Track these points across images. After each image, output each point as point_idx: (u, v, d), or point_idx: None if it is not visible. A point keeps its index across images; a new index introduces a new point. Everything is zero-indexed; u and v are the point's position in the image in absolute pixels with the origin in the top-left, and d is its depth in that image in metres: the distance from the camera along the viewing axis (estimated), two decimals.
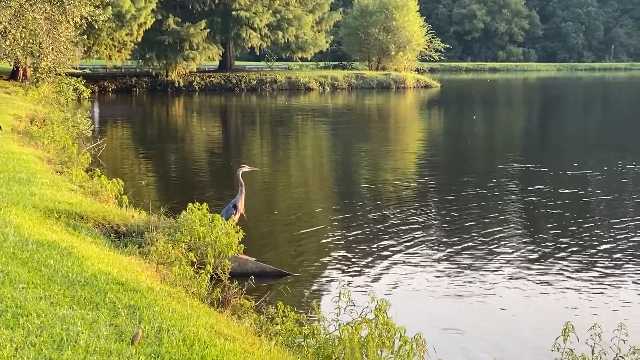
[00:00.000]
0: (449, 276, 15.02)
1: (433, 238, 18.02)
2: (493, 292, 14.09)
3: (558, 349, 8.66)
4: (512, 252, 16.73)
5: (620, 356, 8.56)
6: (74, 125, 31.37)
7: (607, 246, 17.24)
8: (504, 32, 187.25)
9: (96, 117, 51.20)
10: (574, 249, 16.99)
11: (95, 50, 68.53)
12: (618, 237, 18.08)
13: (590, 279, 14.86)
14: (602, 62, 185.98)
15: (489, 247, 17.12)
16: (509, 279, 14.85)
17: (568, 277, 14.97)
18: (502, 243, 17.48)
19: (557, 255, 16.46)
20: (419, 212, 20.92)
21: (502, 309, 13.22)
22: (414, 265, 15.74)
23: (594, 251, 16.84)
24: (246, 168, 16.33)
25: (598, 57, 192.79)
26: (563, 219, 20.16)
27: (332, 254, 16.55)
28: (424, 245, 17.24)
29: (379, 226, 19.10)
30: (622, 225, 19.27)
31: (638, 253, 16.76)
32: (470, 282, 14.66)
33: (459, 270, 15.44)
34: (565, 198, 23.31)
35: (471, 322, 12.60)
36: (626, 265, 15.85)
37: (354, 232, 18.53)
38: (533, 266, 15.66)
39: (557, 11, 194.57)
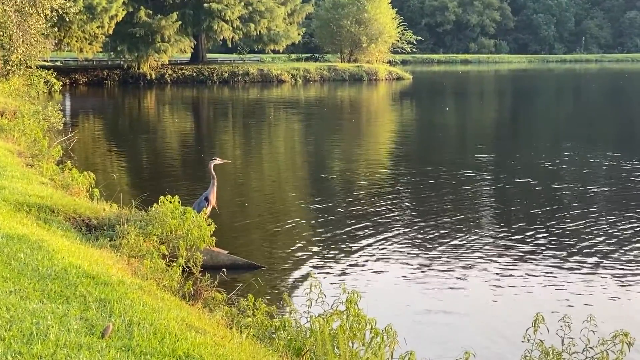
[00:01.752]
0: (421, 268, 15.08)
1: (405, 230, 18.07)
2: (464, 283, 14.17)
3: (528, 340, 8.70)
4: (484, 244, 16.80)
5: (590, 347, 8.60)
6: (45, 118, 31.19)
7: (578, 237, 17.36)
8: (475, 24, 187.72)
9: (67, 110, 50.92)
10: (545, 240, 17.09)
11: (66, 43, 68.16)
12: (588, 228, 18.20)
13: (560, 270, 14.95)
14: (573, 54, 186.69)
15: (461, 239, 17.19)
16: (480, 270, 14.92)
17: (538, 268, 15.07)
18: (474, 235, 17.56)
19: (529, 247, 16.56)
20: (390, 204, 20.97)
21: (473, 301, 13.29)
22: (385, 257, 15.79)
23: (564, 242, 16.95)
24: (218, 161, 16.33)
25: (569, 49, 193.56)
26: (534, 210, 20.26)
27: (304, 246, 16.57)
28: (395, 237, 17.29)
29: (350, 218, 19.15)
30: (592, 217, 19.40)
31: (608, 244, 16.87)
32: (442, 273, 14.72)
33: (431, 262, 15.51)
34: (536, 189, 23.45)
35: (442, 314, 12.66)
36: (596, 256, 15.96)
37: (326, 224, 18.56)
38: (504, 258, 15.75)
39: (528, 3, 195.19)
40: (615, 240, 17.18)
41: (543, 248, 16.46)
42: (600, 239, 17.22)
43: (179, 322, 7.86)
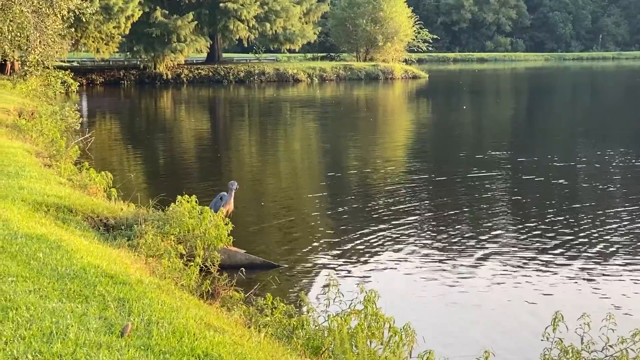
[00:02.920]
0: (439, 266, 15.05)
1: (422, 228, 18.05)
2: (482, 282, 14.14)
3: (547, 338, 8.68)
4: (502, 242, 16.77)
5: (609, 345, 8.58)
6: (62, 118, 31.29)
7: (596, 236, 17.29)
8: (491, 22, 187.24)
9: (84, 110, 51.06)
10: (563, 238, 17.04)
11: (83, 43, 68.33)
12: (606, 226, 18.14)
13: (579, 269, 14.91)
14: (590, 52, 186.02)
15: (479, 237, 17.15)
16: (499, 269, 14.88)
17: (557, 267, 15.02)
18: (492, 233, 17.53)
19: (546, 245, 16.51)
20: (408, 203, 20.94)
21: (492, 299, 13.26)
22: (403, 256, 15.78)
23: (583, 240, 16.89)
24: (236, 185, 16.08)
25: (586, 47, 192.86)
26: (551, 208, 20.20)
27: (321, 245, 16.57)
28: (413, 236, 17.28)
29: (368, 217, 19.13)
30: (610, 214, 19.35)
31: (626, 242, 16.81)
32: (460, 272, 14.70)
33: (449, 260, 15.48)
34: (553, 187, 23.38)
35: (461, 313, 12.64)
36: (615, 255, 15.91)
37: (343, 223, 18.56)
38: (523, 256, 15.71)
39: (544, 1, 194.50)
40: (634, 238, 17.12)
41: (561, 246, 16.41)
42: (619, 237, 17.16)
43: (198, 321, 7.86)
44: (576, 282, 14.08)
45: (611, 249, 16.28)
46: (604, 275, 14.56)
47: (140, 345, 6.79)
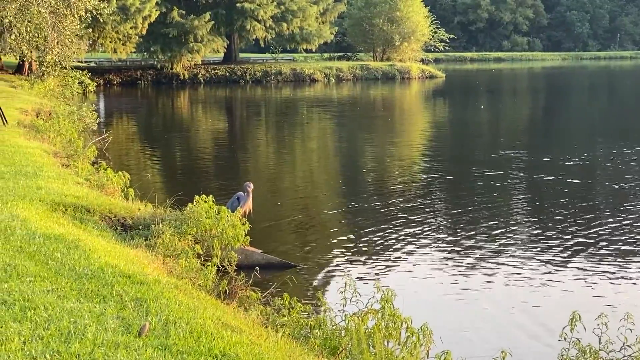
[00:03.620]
0: (456, 266, 15.04)
1: (439, 228, 18.04)
2: (499, 281, 14.11)
3: (565, 338, 8.66)
4: (519, 242, 16.74)
5: (627, 345, 8.56)
6: (79, 118, 31.39)
7: (614, 235, 17.25)
8: (508, 21, 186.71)
9: (102, 110, 51.20)
10: (581, 238, 17.00)
11: (100, 44, 68.45)
12: (625, 226, 18.09)
13: (596, 268, 14.87)
14: (608, 51, 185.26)
15: (496, 237, 17.13)
16: (516, 268, 14.85)
17: (575, 266, 14.99)
18: (509, 233, 17.50)
19: (564, 245, 16.47)
20: (425, 202, 20.93)
21: (509, 299, 13.24)
22: (420, 256, 15.77)
23: (600, 240, 16.85)
24: (249, 189, 16.07)
25: (603, 46, 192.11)
26: (570, 208, 20.15)
27: (338, 244, 16.57)
28: (430, 235, 17.26)
29: (384, 217, 19.13)
30: (628, 214, 19.28)
31: None
32: (477, 272, 14.68)
33: (465, 260, 15.46)
34: (571, 187, 23.31)
35: (478, 313, 12.62)
36: (632, 255, 15.87)
37: (360, 223, 18.56)
38: (540, 256, 15.68)
39: (561, 0, 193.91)
40: None
41: (578, 245, 16.37)
42: (637, 237, 17.10)
43: (215, 321, 7.88)
44: (594, 282, 14.04)
45: (629, 249, 16.24)
46: (622, 275, 14.52)
47: (157, 345, 6.82)
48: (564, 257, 15.57)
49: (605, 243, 16.63)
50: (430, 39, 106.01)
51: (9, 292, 7.73)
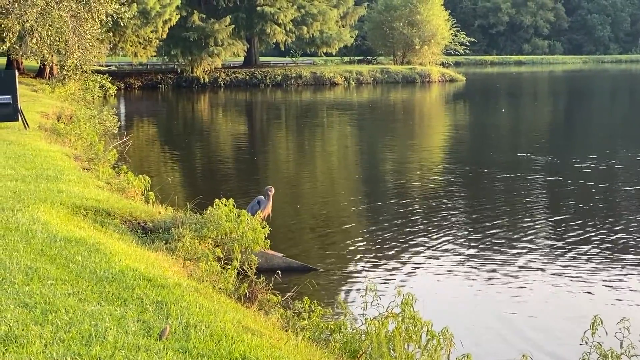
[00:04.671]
0: (476, 270, 14.99)
1: (459, 231, 17.99)
2: (520, 285, 14.06)
3: (586, 342, 8.63)
4: (540, 246, 16.67)
5: None
6: (100, 122, 31.51)
7: (636, 240, 17.15)
8: (529, 25, 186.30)
9: (122, 113, 51.36)
10: (602, 242, 16.92)
11: (120, 48, 68.63)
12: None
13: (617, 272, 14.80)
14: (629, 54, 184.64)
15: (517, 241, 17.07)
16: (536, 272, 14.80)
17: (596, 270, 14.91)
18: (530, 237, 17.43)
19: (585, 249, 16.39)
20: (444, 206, 20.89)
21: (530, 303, 13.18)
22: (440, 259, 15.73)
23: (621, 244, 16.76)
24: (273, 190, 16.09)
25: (624, 49, 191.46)
26: (590, 212, 20.08)
27: (359, 248, 16.55)
28: (450, 239, 17.22)
29: (405, 220, 19.09)
30: None
31: None
32: (497, 275, 14.63)
33: (486, 263, 15.42)
34: (591, 190, 23.21)
35: (499, 316, 12.57)
36: None
37: (380, 226, 18.52)
38: (561, 260, 15.61)
39: (582, 3, 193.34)
40: None
41: (599, 249, 16.29)
42: None
43: (235, 325, 7.88)
44: (615, 286, 13.96)
45: None
46: None
47: (178, 348, 6.83)
48: (585, 261, 15.50)
49: (626, 247, 16.55)
50: (451, 43, 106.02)
51: (31, 295, 7.76)
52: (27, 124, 25.33)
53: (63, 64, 39.70)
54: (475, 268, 15.12)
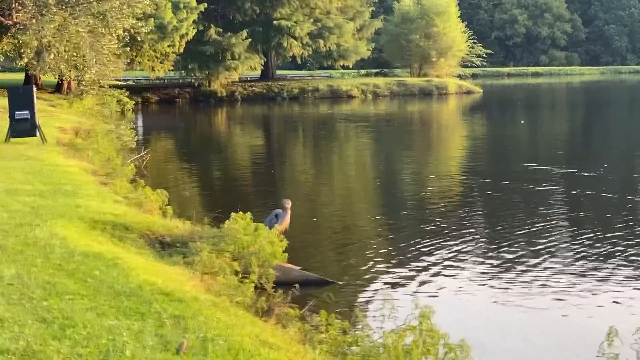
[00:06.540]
0: (494, 283, 14.95)
1: (477, 244, 17.94)
2: (536, 297, 14.01)
3: (603, 353, 8.60)
4: (556, 257, 16.61)
5: None
6: (118, 136, 31.62)
7: None
8: (546, 36, 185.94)
9: (140, 128, 51.52)
10: (619, 254, 16.83)
11: (137, 62, 68.91)
12: None
13: (633, 283, 14.74)
14: None
15: (535, 253, 17.01)
16: (553, 283, 14.74)
17: (611, 280, 14.85)
18: (547, 250, 17.36)
19: (601, 260, 16.32)
20: (462, 218, 20.85)
21: (547, 315, 13.14)
22: (458, 272, 15.69)
23: (637, 254, 16.68)
24: (287, 206, 16.15)
25: None
26: (608, 224, 19.98)
27: (376, 261, 16.52)
28: (467, 251, 17.18)
29: (422, 232, 19.05)
30: None
31: None
32: (515, 288, 14.58)
33: (503, 276, 15.37)
34: (610, 202, 23.13)
35: (516, 328, 12.54)
36: None
37: (398, 239, 18.50)
38: (577, 271, 15.55)
39: (599, 14, 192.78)
40: None
41: (616, 260, 16.21)
42: None
43: (253, 338, 7.89)
44: (631, 297, 13.90)
45: None
46: None
47: None
48: (602, 271, 15.42)
49: None
50: (467, 55, 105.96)
51: (49, 310, 7.78)
52: (45, 139, 25.47)
53: (81, 79, 39.95)
54: (494, 280, 15.08)
